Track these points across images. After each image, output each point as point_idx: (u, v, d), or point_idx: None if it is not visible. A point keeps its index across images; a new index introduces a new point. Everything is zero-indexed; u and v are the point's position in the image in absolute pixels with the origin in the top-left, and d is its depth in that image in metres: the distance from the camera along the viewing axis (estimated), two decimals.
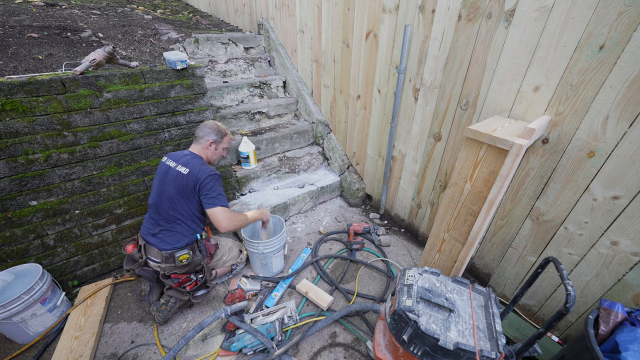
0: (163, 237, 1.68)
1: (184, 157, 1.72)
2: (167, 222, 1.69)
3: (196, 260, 1.74)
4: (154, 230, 1.70)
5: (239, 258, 2.12)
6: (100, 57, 1.73)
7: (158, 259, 1.68)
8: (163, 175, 1.70)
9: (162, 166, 1.75)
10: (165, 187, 1.67)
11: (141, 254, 1.70)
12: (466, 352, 1.09)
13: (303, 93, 3.09)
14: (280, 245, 2.02)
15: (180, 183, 1.64)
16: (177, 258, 1.65)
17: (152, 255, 1.69)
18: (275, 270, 2.15)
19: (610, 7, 1.13)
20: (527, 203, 1.64)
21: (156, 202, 1.70)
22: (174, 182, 1.65)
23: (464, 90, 1.73)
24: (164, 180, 1.68)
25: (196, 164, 1.68)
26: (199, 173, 1.64)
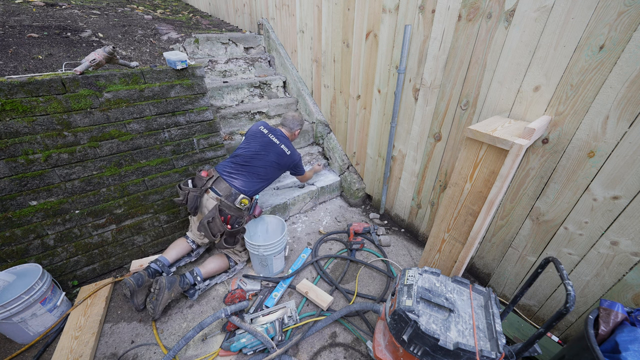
0: (240, 179, 1.97)
1: (283, 138, 2.17)
2: (250, 173, 2.00)
3: (244, 213, 1.97)
4: (233, 172, 1.98)
5: (240, 253, 2.15)
6: (100, 57, 1.73)
7: (223, 192, 1.89)
8: (264, 143, 2.08)
9: (261, 133, 2.13)
10: (266, 154, 2.06)
11: (208, 182, 1.93)
12: (466, 352, 1.09)
13: (303, 93, 3.09)
14: (280, 248, 2.02)
15: (281, 158, 2.12)
16: (240, 200, 1.91)
17: (218, 188, 1.91)
18: (275, 271, 2.15)
19: (610, 7, 1.13)
20: (527, 203, 1.64)
21: (250, 156, 2.03)
22: (277, 155, 2.10)
23: (464, 90, 1.73)
24: (266, 148, 2.07)
25: (292, 147, 2.19)
26: (295, 156, 2.21)
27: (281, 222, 2.17)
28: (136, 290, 1.78)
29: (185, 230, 2.44)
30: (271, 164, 2.07)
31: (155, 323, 1.81)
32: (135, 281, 1.77)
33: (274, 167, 2.09)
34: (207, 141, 2.27)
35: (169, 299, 1.79)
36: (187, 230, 2.46)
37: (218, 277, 2.09)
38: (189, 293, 1.93)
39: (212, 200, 1.89)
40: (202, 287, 1.97)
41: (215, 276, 2.10)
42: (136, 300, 1.82)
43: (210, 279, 2.07)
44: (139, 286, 1.78)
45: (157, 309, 1.74)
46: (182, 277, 1.89)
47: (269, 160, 2.06)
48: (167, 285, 1.77)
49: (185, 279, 1.88)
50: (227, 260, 2.10)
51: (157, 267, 1.91)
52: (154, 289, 1.78)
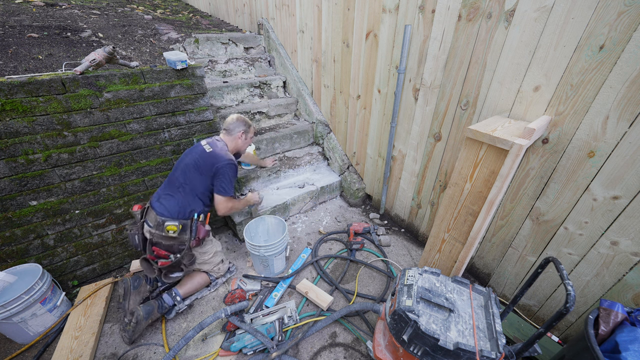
0: (163, 201, 1.73)
1: (213, 140, 1.88)
2: (172, 188, 1.77)
3: (183, 238, 1.73)
4: (161, 195, 1.78)
5: (217, 266, 2.00)
6: (100, 57, 1.73)
7: (152, 223, 1.70)
8: (189, 151, 1.85)
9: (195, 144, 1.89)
10: (185, 158, 1.81)
11: (141, 216, 1.76)
12: (466, 352, 1.09)
13: (303, 93, 3.09)
14: (281, 249, 2.01)
15: (200, 157, 1.78)
16: (165, 227, 1.66)
17: (149, 219, 1.72)
18: (276, 271, 2.15)
19: (610, 7, 1.13)
20: (527, 203, 1.64)
21: (174, 171, 1.82)
22: (196, 155, 1.79)
23: (464, 90, 1.73)
24: (188, 154, 1.82)
25: (221, 148, 1.83)
26: (220, 156, 1.78)
27: (282, 222, 2.17)
28: (131, 291, 1.72)
29: None
30: (190, 167, 1.76)
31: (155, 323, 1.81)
32: (132, 282, 1.75)
33: (193, 171, 1.76)
34: None
35: (146, 325, 1.70)
36: None
37: (199, 292, 1.98)
38: (168, 315, 1.83)
39: (148, 234, 1.74)
40: (181, 307, 1.86)
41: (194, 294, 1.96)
42: (128, 303, 1.70)
43: (189, 297, 1.93)
44: (135, 288, 1.74)
45: (133, 337, 1.66)
46: (160, 301, 1.76)
47: (187, 163, 1.78)
48: (144, 316, 1.67)
49: (163, 303, 1.77)
50: (206, 275, 1.97)
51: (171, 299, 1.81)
52: (129, 320, 1.64)
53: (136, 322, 1.65)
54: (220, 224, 2.62)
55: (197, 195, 1.78)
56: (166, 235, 1.68)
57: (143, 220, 1.76)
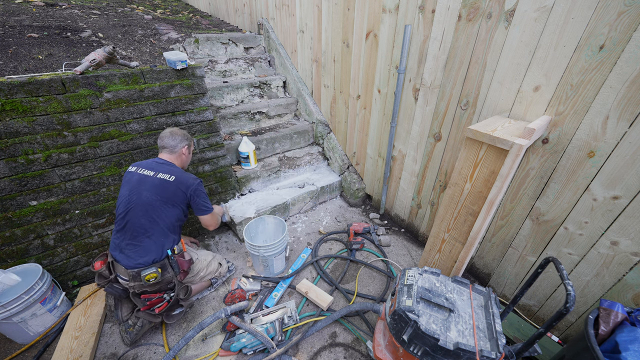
0: (128, 252, 1.55)
1: (162, 165, 1.67)
2: (134, 235, 1.56)
3: (167, 277, 1.61)
4: (121, 244, 1.58)
5: (217, 272, 1.99)
6: (100, 57, 1.73)
7: (126, 277, 1.54)
8: (137, 184, 1.59)
9: (133, 175, 1.63)
10: (141, 195, 1.57)
11: (110, 271, 1.59)
12: (466, 352, 1.09)
13: (303, 93, 3.09)
14: (281, 249, 2.01)
15: (165, 190, 1.60)
16: (144, 277, 1.52)
17: (120, 272, 1.56)
18: (276, 272, 2.15)
19: (610, 7, 1.13)
20: (527, 203, 1.64)
21: (124, 213, 1.57)
22: (157, 189, 1.59)
23: (464, 90, 1.73)
24: (140, 189, 1.58)
25: (179, 172, 1.68)
26: (188, 181, 1.67)
27: (282, 222, 2.17)
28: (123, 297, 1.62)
29: (185, 230, 2.44)
30: (155, 205, 1.57)
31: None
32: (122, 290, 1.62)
33: (161, 207, 1.59)
34: (207, 141, 2.27)
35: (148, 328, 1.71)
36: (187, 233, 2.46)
37: (200, 294, 1.99)
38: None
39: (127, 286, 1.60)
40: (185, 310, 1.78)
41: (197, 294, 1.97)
42: (120, 312, 1.66)
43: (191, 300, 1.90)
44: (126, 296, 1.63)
45: (135, 339, 1.65)
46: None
47: (149, 201, 1.57)
48: (147, 323, 1.67)
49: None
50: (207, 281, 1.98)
51: None
52: (133, 323, 1.63)
53: (141, 325, 1.66)
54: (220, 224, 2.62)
55: (168, 231, 1.63)
56: (147, 284, 1.56)
57: (114, 275, 1.59)
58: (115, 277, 1.59)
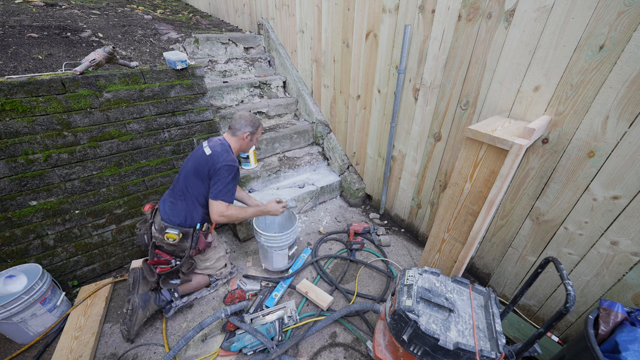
0: (167, 207, 1.70)
1: (216, 142, 1.74)
2: (175, 194, 1.73)
3: (183, 246, 1.70)
4: (165, 198, 1.76)
5: (220, 270, 1.99)
6: (100, 57, 1.73)
7: (157, 226, 1.70)
8: (191, 155, 1.77)
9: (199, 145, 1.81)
10: (187, 162, 1.73)
11: (150, 217, 1.75)
12: (466, 352, 1.09)
13: (303, 93, 3.09)
14: (287, 243, 1.96)
15: (199, 162, 1.66)
16: (165, 235, 1.63)
17: (156, 221, 1.72)
18: (276, 267, 2.11)
19: (610, 7, 1.13)
20: (527, 203, 1.64)
21: (178, 175, 1.78)
22: (195, 160, 1.69)
23: (464, 90, 1.73)
24: (190, 157, 1.76)
25: (220, 150, 1.67)
26: (218, 159, 1.63)
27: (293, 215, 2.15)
28: (140, 281, 1.72)
29: None
30: (190, 173, 1.68)
31: (155, 323, 1.81)
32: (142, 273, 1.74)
33: (193, 179, 1.67)
34: None
35: (144, 317, 1.68)
36: None
37: (198, 292, 1.97)
38: (165, 309, 1.81)
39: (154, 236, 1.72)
40: (178, 304, 1.84)
41: (193, 293, 1.95)
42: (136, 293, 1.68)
43: (188, 295, 1.93)
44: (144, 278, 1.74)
45: (132, 330, 1.63)
46: (158, 294, 1.77)
47: (187, 169, 1.70)
48: (140, 304, 1.65)
49: (161, 296, 1.77)
50: (206, 277, 1.96)
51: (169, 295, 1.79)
52: (126, 309, 1.65)
53: (132, 309, 1.64)
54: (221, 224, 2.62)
55: (199, 203, 1.68)
56: (165, 241, 1.66)
57: (152, 221, 1.75)
58: (151, 224, 1.73)
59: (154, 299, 1.74)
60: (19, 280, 1.63)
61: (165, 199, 1.76)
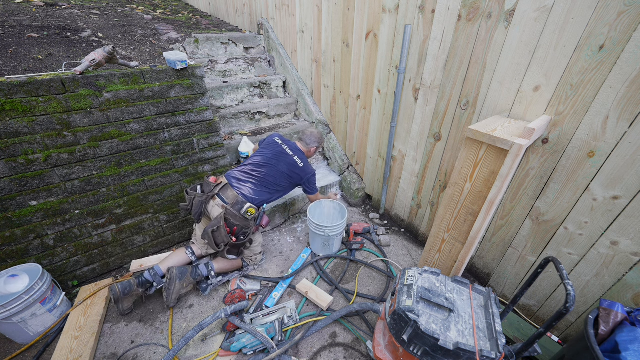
0: (248, 187, 1.93)
1: (298, 151, 2.16)
2: (260, 182, 1.97)
3: (249, 224, 1.90)
4: (242, 179, 1.96)
5: (255, 256, 2.13)
6: (100, 57, 1.73)
7: (230, 200, 1.86)
8: (278, 154, 2.09)
9: (275, 144, 2.15)
10: (279, 164, 2.05)
11: (216, 189, 1.91)
12: (466, 352, 1.09)
13: (303, 93, 3.09)
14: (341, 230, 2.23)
15: (294, 169, 2.08)
16: (246, 209, 1.84)
17: (225, 195, 1.88)
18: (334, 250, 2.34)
19: (610, 7, 1.13)
20: (527, 203, 1.64)
21: (260, 164, 2.02)
22: (290, 166, 2.07)
23: (464, 90, 1.73)
24: (279, 158, 2.07)
25: (306, 161, 2.17)
26: (308, 170, 2.15)
27: (339, 205, 2.36)
28: (121, 297, 1.76)
29: (184, 230, 2.44)
30: (282, 174, 2.04)
31: (155, 323, 1.82)
32: (122, 289, 1.75)
33: (285, 179, 2.05)
34: (207, 141, 2.27)
35: (182, 288, 1.83)
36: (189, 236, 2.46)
37: (231, 275, 2.08)
38: (202, 287, 1.95)
39: (217, 207, 1.86)
40: (214, 283, 1.99)
41: (228, 273, 2.08)
42: (121, 306, 1.79)
43: (223, 275, 2.06)
44: (125, 295, 1.75)
45: (171, 298, 1.80)
46: (195, 268, 1.90)
47: (280, 170, 2.04)
48: (177, 275, 1.81)
49: (197, 270, 1.90)
50: (240, 260, 2.08)
51: (150, 276, 1.83)
52: (166, 279, 1.82)
53: (170, 278, 1.79)
54: None
55: (277, 192, 2.05)
56: (242, 215, 1.84)
57: (215, 194, 1.88)
58: (213, 196, 1.90)
59: (191, 272, 1.88)
60: (21, 280, 1.63)
61: (239, 179, 1.96)
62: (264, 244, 2.45)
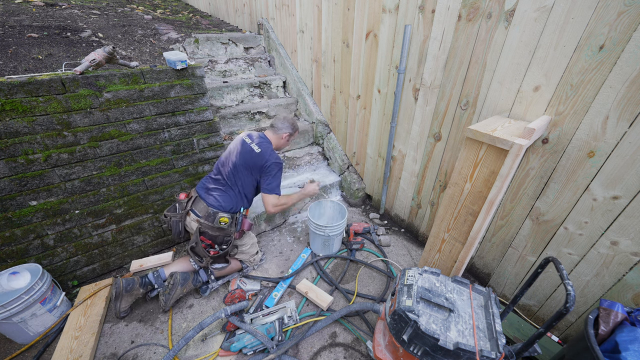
0: (215, 195, 1.84)
1: (260, 138, 1.94)
2: (222, 184, 1.87)
3: (228, 231, 1.84)
4: (209, 187, 1.87)
5: (252, 257, 2.12)
6: (100, 57, 1.73)
7: (201, 213, 1.80)
8: (234, 147, 1.91)
9: (237, 139, 1.96)
10: (234, 156, 1.88)
11: (187, 205, 1.85)
12: (466, 352, 1.09)
13: (303, 93, 3.09)
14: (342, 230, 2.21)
15: (249, 157, 1.86)
16: (218, 219, 1.78)
17: (197, 208, 1.82)
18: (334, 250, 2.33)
19: (610, 7, 1.13)
20: (527, 203, 1.64)
21: (220, 165, 1.92)
22: (244, 155, 1.86)
23: (464, 90, 1.73)
24: (235, 151, 1.89)
25: (268, 148, 1.90)
26: (268, 156, 1.86)
27: (339, 205, 2.36)
28: (123, 294, 1.75)
29: None
30: (239, 167, 1.86)
31: (155, 323, 1.82)
32: (126, 285, 1.75)
33: (242, 171, 1.86)
34: (207, 141, 2.27)
35: (181, 294, 1.84)
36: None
37: (231, 276, 2.09)
38: (202, 289, 1.97)
39: (193, 222, 1.83)
40: (214, 286, 2.00)
41: (227, 275, 2.09)
42: (119, 304, 1.76)
43: (222, 278, 2.06)
44: (127, 291, 1.76)
45: (169, 302, 1.80)
46: (196, 274, 1.92)
47: (236, 163, 1.87)
48: (180, 281, 1.82)
49: (198, 277, 1.92)
50: (239, 262, 2.08)
51: (153, 279, 1.85)
52: (168, 282, 1.82)
53: (173, 283, 1.79)
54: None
55: (245, 194, 1.92)
56: (216, 226, 1.79)
57: (189, 209, 1.84)
58: (187, 212, 1.84)
59: (192, 279, 1.88)
60: (23, 277, 1.63)
61: (208, 188, 1.87)
62: (263, 244, 2.45)
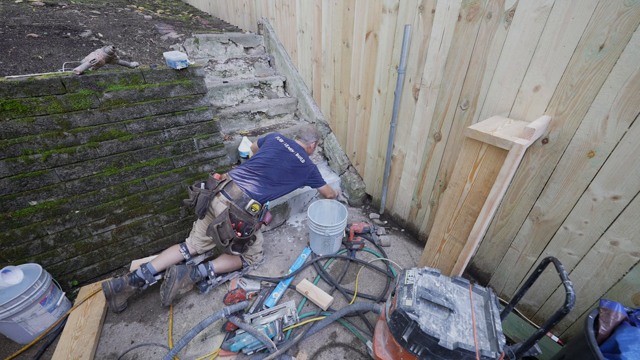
0: (252, 183, 1.97)
1: (299, 149, 2.23)
2: (263, 179, 2.00)
3: (252, 220, 1.91)
4: (246, 176, 1.99)
5: (256, 255, 2.14)
6: (100, 57, 1.73)
7: (234, 196, 1.88)
8: (279, 152, 2.13)
9: (277, 142, 2.20)
10: (282, 162, 2.09)
11: (220, 185, 1.92)
12: (466, 352, 1.09)
13: (303, 93, 3.09)
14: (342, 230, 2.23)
15: (296, 166, 2.13)
16: (250, 205, 1.86)
17: (229, 191, 1.90)
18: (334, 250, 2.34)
19: (610, 7, 1.13)
20: (527, 203, 1.64)
21: (264, 162, 2.06)
22: (291, 162, 2.12)
23: (464, 90, 1.73)
24: (282, 157, 2.11)
25: (308, 158, 2.22)
26: (311, 166, 2.21)
27: (340, 205, 2.38)
28: (114, 295, 1.77)
29: (184, 230, 2.44)
30: (285, 171, 2.08)
31: (155, 323, 1.82)
32: (114, 286, 1.76)
33: (288, 175, 2.09)
34: (207, 141, 2.27)
35: (180, 288, 1.82)
36: (187, 233, 2.46)
37: (230, 275, 2.08)
38: (201, 287, 1.96)
39: (222, 204, 1.87)
40: (214, 283, 1.99)
41: (227, 273, 2.08)
42: (114, 303, 1.79)
43: (222, 275, 2.06)
44: (117, 292, 1.77)
45: (167, 297, 1.79)
46: (194, 268, 1.91)
47: (283, 167, 2.08)
48: (177, 274, 1.81)
49: (197, 271, 1.91)
50: (240, 259, 2.08)
51: (142, 274, 1.85)
52: (165, 277, 1.82)
53: (170, 276, 1.79)
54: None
55: (280, 189, 2.07)
56: (246, 212, 1.86)
57: (220, 190, 1.90)
58: (217, 192, 1.91)
59: (190, 272, 1.88)
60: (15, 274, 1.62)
61: (243, 176, 1.99)
62: (264, 243, 2.46)
